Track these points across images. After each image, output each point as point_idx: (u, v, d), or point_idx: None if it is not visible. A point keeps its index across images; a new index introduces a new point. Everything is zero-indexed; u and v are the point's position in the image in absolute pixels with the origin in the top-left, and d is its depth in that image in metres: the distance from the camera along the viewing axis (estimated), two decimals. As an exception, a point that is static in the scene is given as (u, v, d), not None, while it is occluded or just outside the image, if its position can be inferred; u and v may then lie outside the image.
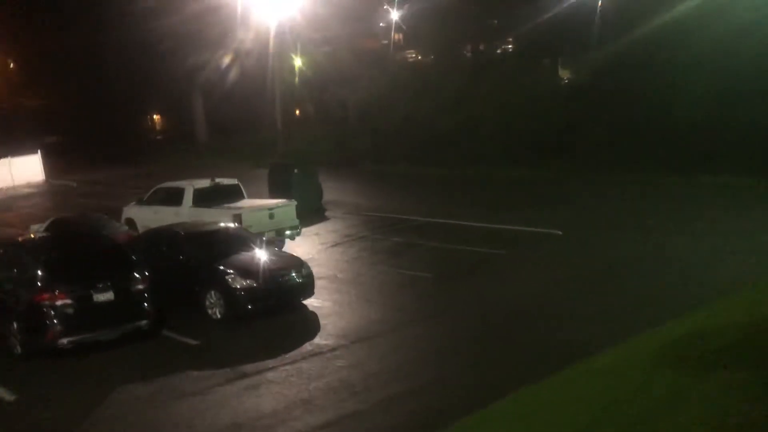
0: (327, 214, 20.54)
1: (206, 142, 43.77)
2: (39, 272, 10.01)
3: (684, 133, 22.77)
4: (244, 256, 11.76)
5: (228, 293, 11.11)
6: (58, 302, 9.82)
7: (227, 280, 11.16)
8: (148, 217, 16.56)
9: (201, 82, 41.91)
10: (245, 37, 35.05)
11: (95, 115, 46.12)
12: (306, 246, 16.63)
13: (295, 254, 13.18)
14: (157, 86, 43.20)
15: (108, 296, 10.14)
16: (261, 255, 11.84)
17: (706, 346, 8.33)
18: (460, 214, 18.82)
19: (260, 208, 15.33)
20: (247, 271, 11.28)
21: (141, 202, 17.12)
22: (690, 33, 23.81)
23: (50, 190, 33.57)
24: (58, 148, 43.21)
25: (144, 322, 10.51)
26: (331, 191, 23.73)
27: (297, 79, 38.85)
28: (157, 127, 56.32)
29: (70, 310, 9.90)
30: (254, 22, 33.88)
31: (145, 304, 10.48)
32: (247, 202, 16.11)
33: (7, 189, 34.33)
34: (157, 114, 55.90)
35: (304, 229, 17.50)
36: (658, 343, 8.80)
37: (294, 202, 16.18)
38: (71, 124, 46.52)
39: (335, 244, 16.72)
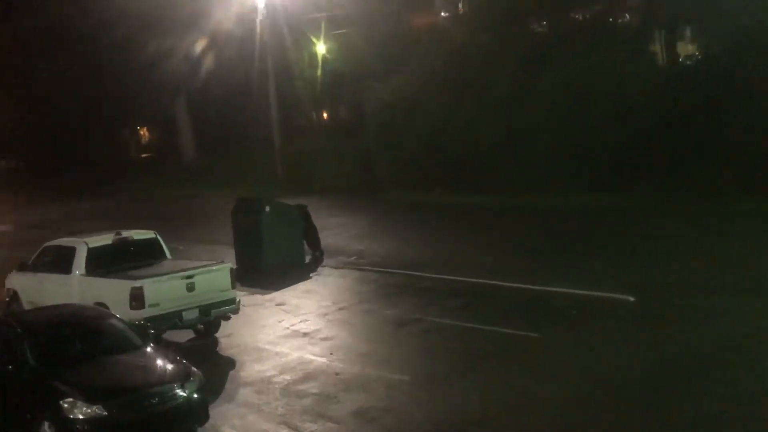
0: (318, 266, 20.47)
1: (193, 161, 44.97)
2: None
3: None
4: (100, 363, 10.48)
5: (63, 427, 9.46)
6: None
7: (62, 407, 9.51)
8: (33, 288, 15.62)
9: (187, 84, 42.95)
10: (230, 18, 35.73)
11: (61, 130, 46.28)
12: (252, 329, 15.51)
13: (185, 354, 11.89)
14: (136, 91, 44.06)
15: None
16: (129, 360, 10.61)
17: None
18: (497, 268, 18.21)
19: (170, 277, 14.03)
20: (94, 390, 9.80)
21: (25, 266, 16.07)
22: None
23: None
24: (9, 175, 43.05)
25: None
26: (334, 232, 23.84)
27: (320, 71, 38.67)
28: (144, 141, 57.69)
29: None
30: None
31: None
32: (160, 267, 14.89)
33: None
34: (143, 127, 56.99)
35: (268, 296, 17.47)
36: None
37: (227, 265, 14.86)
38: (28, 144, 46.61)
39: (303, 321, 15.70)
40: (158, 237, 15.71)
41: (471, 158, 29.55)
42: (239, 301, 14.89)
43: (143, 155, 54.88)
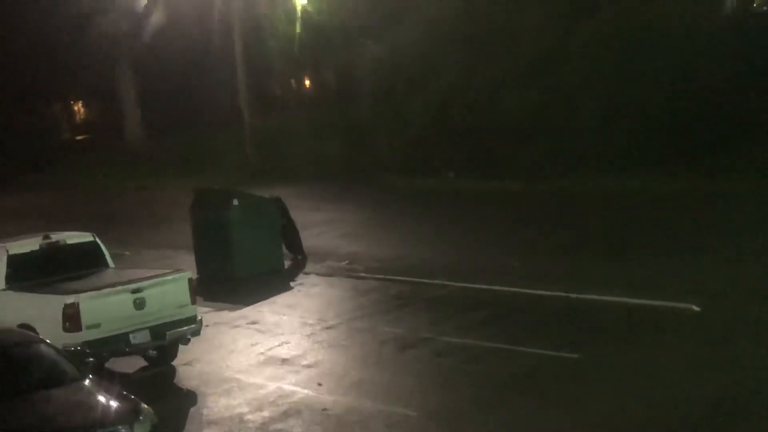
0: (299, 274, 20.66)
1: (141, 143, 45.22)
2: None
3: None
4: (25, 401, 10.59)
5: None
6: None
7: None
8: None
9: (130, 46, 43.36)
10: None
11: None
12: (219, 354, 15.59)
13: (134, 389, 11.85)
14: (66, 55, 44.27)
15: None
16: (63, 396, 10.73)
17: None
18: (526, 273, 18.31)
19: (114, 290, 14.07)
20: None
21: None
22: None
23: None
24: None
25: None
26: (320, 230, 24.14)
27: (299, 27, 39.30)
28: (79, 119, 58.05)
29: None
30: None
31: None
32: (100, 278, 14.97)
33: None
34: (77, 101, 57.36)
35: (239, 313, 17.52)
36: None
37: (185, 275, 14.90)
38: None
39: (282, 344, 15.75)
40: (97, 240, 15.71)
41: (492, 134, 29.76)
42: (201, 319, 14.93)
43: (78, 137, 55.09)
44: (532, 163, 28.01)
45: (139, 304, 14.05)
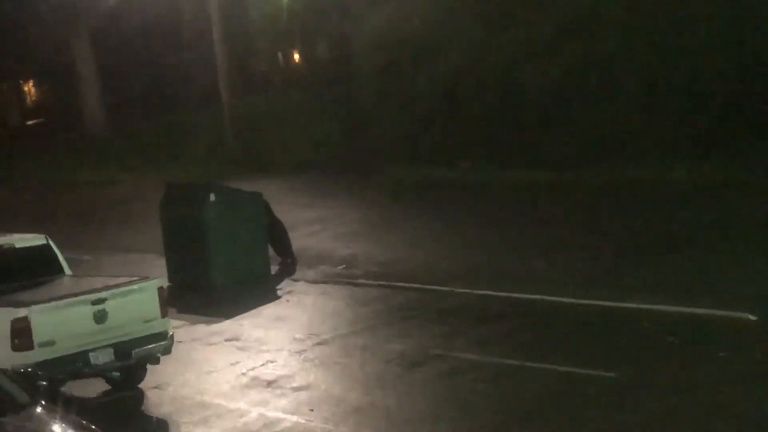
0: (288, 281, 20.84)
1: (103, 129, 45.59)
2: None
3: None
4: None
5: None
6: None
7: None
8: None
9: (89, 16, 43.74)
10: None
11: None
12: (195, 375, 15.65)
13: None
14: (15, 26, 44.70)
15: None
16: (10, 426, 10.42)
17: None
18: (554, 278, 18.42)
19: (71, 302, 14.14)
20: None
21: None
22: None
23: None
24: None
25: None
26: (313, 229, 24.48)
27: None
28: (31, 101, 58.67)
29: None
30: None
31: None
32: (55, 287, 15.06)
33: None
34: (27, 81, 57.77)
35: (217, 327, 17.65)
36: None
37: (155, 283, 15.00)
38: None
39: (267, 363, 15.81)
40: (51, 243, 15.75)
41: (512, 116, 29.85)
42: (173, 335, 14.99)
43: (30, 122, 55.59)
44: (559, 149, 28.15)
45: (101, 318, 14.05)
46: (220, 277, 19.94)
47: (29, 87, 58.58)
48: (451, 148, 30.79)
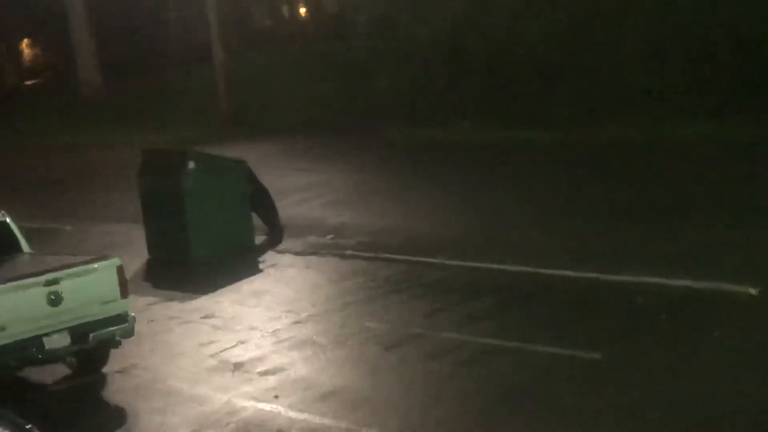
0: (272, 253, 20.78)
1: (98, 90, 46.04)
2: None
3: None
4: None
5: None
6: None
7: None
8: None
9: None
10: None
11: None
12: (163, 357, 15.59)
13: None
14: None
15: None
16: None
17: None
18: (548, 249, 18.30)
19: (22, 283, 13.99)
20: None
21: None
22: None
23: None
24: None
25: None
26: (301, 196, 24.61)
27: None
28: (27, 62, 59.34)
29: None
30: None
31: None
32: (8, 267, 14.98)
33: None
34: (22, 41, 58.52)
35: (192, 304, 17.63)
36: None
37: (113, 262, 14.83)
38: None
39: (238, 343, 15.72)
40: (9, 220, 15.69)
41: (518, 72, 30.02)
42: (134, 317, 14.87)
43: (27, 82, 56.35)
44: (565, 107, 28.29)
45: (55, 300, 13.89)
46: (200, 250, 19.89)
47: (25, 46, 59.33)
48: (451, 107, 30.91)
